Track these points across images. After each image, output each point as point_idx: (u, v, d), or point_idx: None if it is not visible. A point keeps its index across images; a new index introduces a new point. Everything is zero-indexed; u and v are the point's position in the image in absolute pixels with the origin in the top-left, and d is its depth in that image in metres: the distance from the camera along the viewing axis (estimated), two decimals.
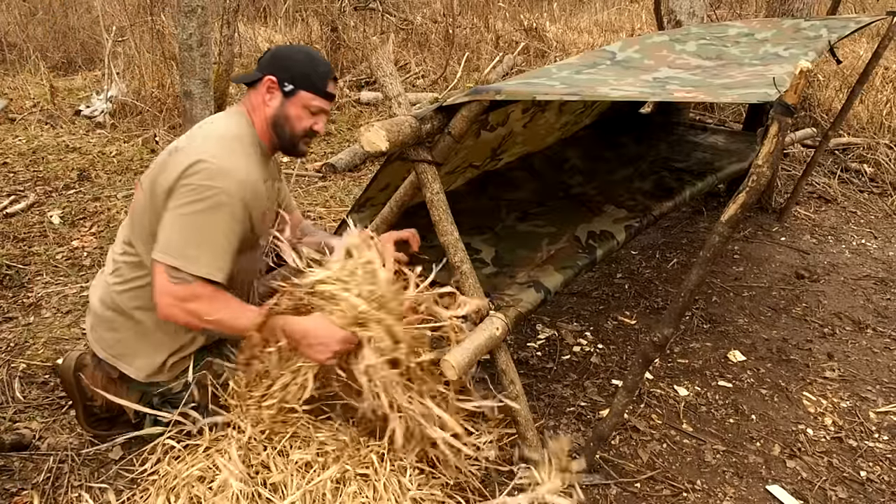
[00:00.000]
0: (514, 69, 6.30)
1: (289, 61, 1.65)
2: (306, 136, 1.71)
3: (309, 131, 1.70)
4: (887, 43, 2.99)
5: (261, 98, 1.66)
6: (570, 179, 2.65)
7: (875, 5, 7.60)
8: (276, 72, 1.64)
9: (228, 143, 1.60)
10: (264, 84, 1.64)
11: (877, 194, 3.94)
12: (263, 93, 1.65)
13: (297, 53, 1.68)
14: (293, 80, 1.64)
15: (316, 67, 1.66)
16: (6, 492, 1.67)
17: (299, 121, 1.67)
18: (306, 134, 1.70)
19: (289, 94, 1.65)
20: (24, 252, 2.94)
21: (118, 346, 1.68)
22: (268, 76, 1.64)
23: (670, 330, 1.51)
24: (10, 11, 7.02)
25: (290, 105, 1.65)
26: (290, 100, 1.65)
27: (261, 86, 1.65)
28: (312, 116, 1.68)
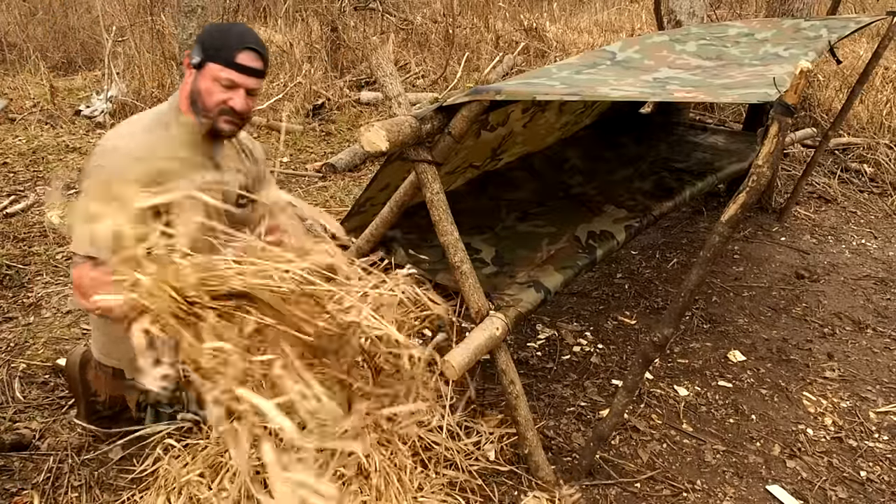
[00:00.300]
0: (514, 69, 6.30)
1: (203, 35, 1.60)
2: (223, 113, 1.59)
3: (225, 108, 1.59)
4: (887, 43, 2.99)
5: (187, 76, 1.61)
6: (570, 179, 2.65)
7: (875, 5, 7.60)
8: (195, 47, 1.59)
9: (132, 124, 1.59)
10: (185, 60, 1.61)
11: (877, 194, 3.94)
12: (186, 69, 1.61)
13: (216, 27, 1.62)
14: (203, 51, 1.57)
15: (228, 39, 1.56)
16: (6, 492, 1.67)
17: (209, 95, 1.57)
18: (222, 111, 1.59)
19: (199, 67, 1.58)
20: (24, 252, 2.94)
21: (104, 345, 1.68)
22: (187, 51, 1.61)
23: (670, 330, 1.51)
24: (10, 11, 7.02)
25: (201, 79, 1.57)
26: (201, 73, 1.57)
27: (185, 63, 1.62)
28: (226, 90, 1.57)
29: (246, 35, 1.59)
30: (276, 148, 4.55)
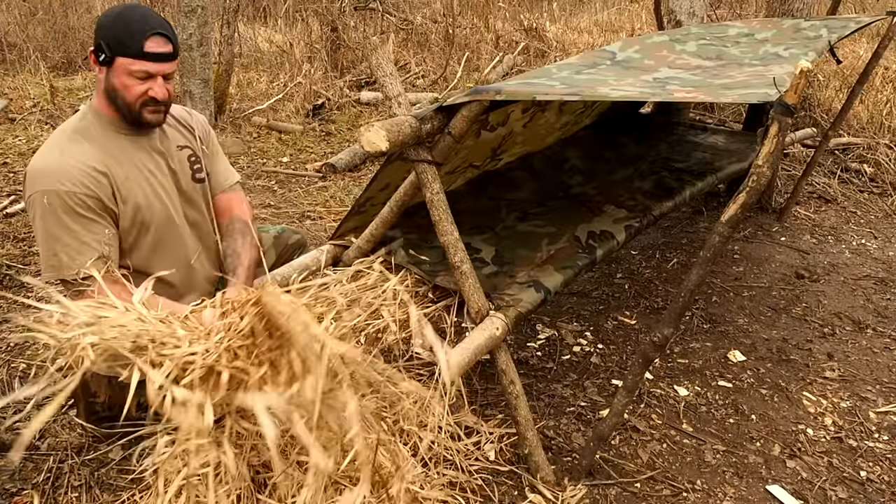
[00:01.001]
0: (514, 69, 6.30)
1: (101, 28, 1.51)
2: (145, 104, 1.55)
3: (146, 99, 1.55)
4: (887, 43, 2.99)
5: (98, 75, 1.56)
6: (570, 179, 2.64)
7: (875, 5, 7.60)
8: (96, 42, 1.51)
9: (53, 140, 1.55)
10: (90, 58, 1.54)
11: (877, 194, 3.94)
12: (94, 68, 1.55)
13: (110, 16, 1.52)
14: (107, 47, 1.49)
15: (129, 28, 1.48)
16: (6, 492, 1.67)
17: (127, 90, 1.52)
18: (144, 103, 1.55)
19: (107, 64, 1.51)
20: (24, 252, 2.94)
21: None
22: (90, 49, 1.53)
23: (670, 330, 1.51)
24: (10, 11, 7.02)
25: (114, 76, 1.52)
26: (111, 70, 1.52)
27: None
28: (143, 82, 1.52)
29: (148, 19, 1.51)
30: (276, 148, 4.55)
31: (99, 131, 1.58)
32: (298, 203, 3.64)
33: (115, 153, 1.57)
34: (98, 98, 1.59)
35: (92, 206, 1.51)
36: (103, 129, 1.59)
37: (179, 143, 1.73)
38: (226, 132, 4.67)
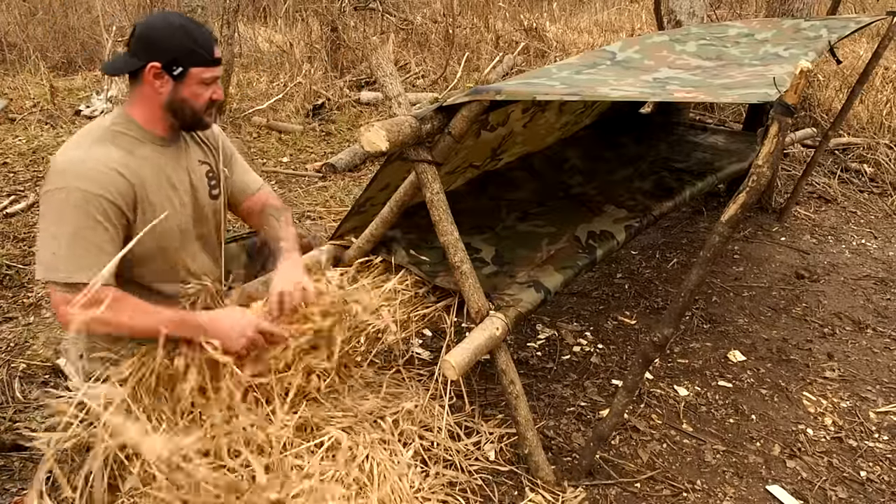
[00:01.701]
0: (514, 69, 6.30)
1: (166, 41, 1.51)
2: (209, 108, 1.61)
3: (210, 102, 1.60)
4: (887, 43, 2.99)
5: (149, 87, 1.54)
6: (570, 179, 2.64)
7: (875, 5, 7.60)
8: (157, 56, 1.50)
9: (81, 138, 1.53)
10: (149, 73, 1.51)
11: (877, 194, 3.94)
12: (151, 81, 1.52)
13: (169, 28, 1.52)
14: (178, 61, 1.51)
15: (196, 38, 1.52)
16: (6, 492, 1.67)
17: (198, 98, 1.56)
18: (208, 107, 1.60)
19: (179, 78, 1.53)
20: (24, 252, 2.94)
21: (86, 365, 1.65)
22: (150, 64, 1.50)
23: (670, 330, 1.51)
24: (10, 11, 7.02)
25: (184, 87, 1.54)
26: (183, 82, 1.53)
27: (145, 75, 1.52)
28: (209, 87, 1.57)
29: (201, 26, 1.56)
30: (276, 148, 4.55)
31: (130, 139, 1.56)
32: (298, 203, 3.64)
33: (142, 163, 1.56)
34: (140, 108, 1.57)
35: (109, 212, 1.49)
36: (134, 138, 1.57)
37: (199, 157, 1.73)
38: (226, 132, 4.66)
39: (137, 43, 1.52)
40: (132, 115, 1.57)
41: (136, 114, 1.57)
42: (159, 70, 1.51)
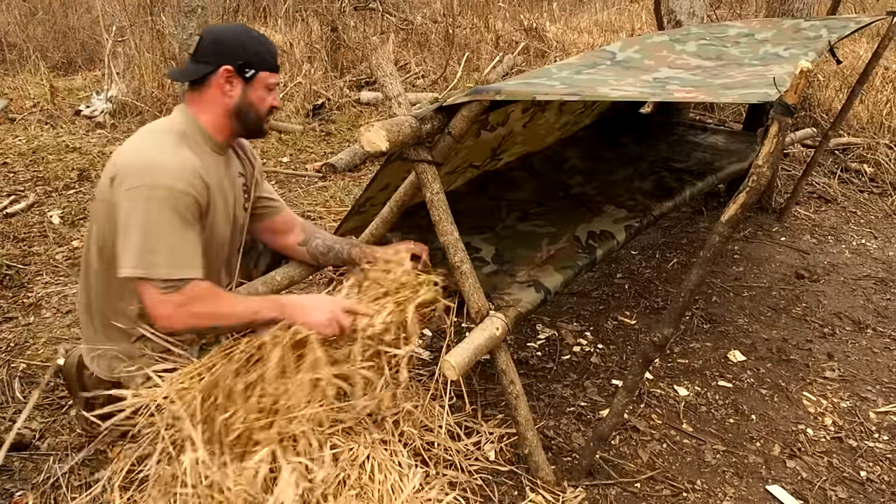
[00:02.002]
0: (514, 69, 6.30)
1: (237, 46, 1.57)
2: (269, 113, 1.67)
3: (270, 109, 1.66)
4: (887, 43, 2.99)
5: (217, 91, 1.58)
6: (570, 179, 2.65)
7: (875, 5, 7.60)
8: (228, 60, 1.56)
9: (156, 137, 1.54)
10: (220, 76, 1.57)
11: (877, 194, 3.94)
12: (221, 84, 1.57)
13: (240, 35, 1.60)
14: (250, 63, 1.58)
15: (264, 45, 1.61)
16: (6, 492, 1.67)
17: (262, 102, 1.63)
18: (269, 112, 1.66)
19: (250, 80, 1.59)
20: (24, 252, 2.94)
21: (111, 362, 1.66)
22: (224, 67, 1.56)
23: (670, 330, 1.51)
24: (10, 11, 7.02)
25: (252, 90, 1.60)
26: (251, 84, 1.60)
27: (215, 78, 1.57)
28: (270, 93, 1.64)
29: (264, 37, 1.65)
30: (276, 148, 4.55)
31: (197, 144, 1.59)
32: (298, 203, 3.65)
33: (209, 167, 1.58)
34: (206, 114, 1.60)
35: (194, 210, 1.51)
36: (201, 143, 1.60)
37: (239, 170, 1.76)
38: None
39: (209, 48, 1.57)
40: (199, 119, 1.60)
41: (203, 119, 1.60)
42: (232, 73, 1.57)
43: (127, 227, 1.44)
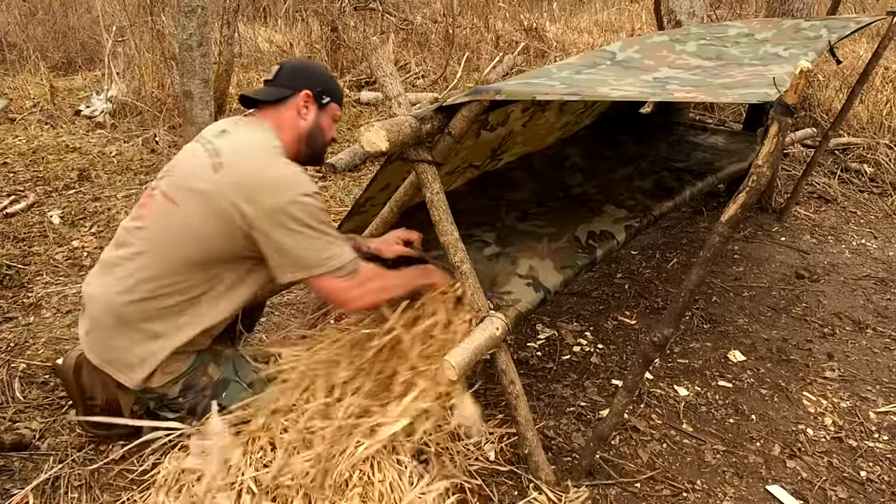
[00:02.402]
0: (514, 69, 6.30)
1: (316, 76, 1.74)
2: (328, 144, 1.80)
3: (330, 140, 1.79)
4: (887, 43, 2.99)
5: (294, 113, 1.70)
6: (570, 179, 2.64)
7: (875, 5, 7.60)
8: (308, 86, 1.71)
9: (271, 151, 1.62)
10: (300, 99, 1.70)
11: (877, 194, 3.94)
12: (300, 107, 1.70)
13: (318, 68, 1.81)
14: (326, 92, 1.73)
15: (335, 81, 1.79)
16: (6, 492, 1.67)
17: (328, 131, 1.77)
18: (328, 144, 1.79)
19: (324, 107, 1.74)
20: (24, 252, 2.94)
21: (110, 352, 1.65)
22: (304, 91, 1.70)
23: (670, 330, 1.51)
24: (10, 11, 7.02)
25: (323, 118, 1.75)
26: (324, 112, 1.75)
27: (294, 101, 1.70)
28: (333, 126, 1.79)
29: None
30: None
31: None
32: None
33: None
34: (288, 134, 1.70)
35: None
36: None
37: None
38: None
39: (290, 74, 1.73)
40: (281, 136, 1.69)
41: (283, 137, 1.69)
42: (310, 97, 1.71)
43: (299, 232, 1.54)
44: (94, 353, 1.67)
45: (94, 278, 1.70)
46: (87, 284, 1.71)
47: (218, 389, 1.70)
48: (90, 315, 1.67)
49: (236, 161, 1.57)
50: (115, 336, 1.63)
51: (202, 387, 1.68)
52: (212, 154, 1.59)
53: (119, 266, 1.64)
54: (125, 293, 1.60)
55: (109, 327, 1.63)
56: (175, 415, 1.70)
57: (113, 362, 1.65)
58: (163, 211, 1.62)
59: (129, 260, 1.62)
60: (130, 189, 3.67)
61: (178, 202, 1.60)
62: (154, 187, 1.67)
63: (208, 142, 1.64)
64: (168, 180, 1.65)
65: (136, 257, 1.62)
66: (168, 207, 1.61)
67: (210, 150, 1.61)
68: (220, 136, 1.64)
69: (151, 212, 1.64)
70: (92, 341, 1.67)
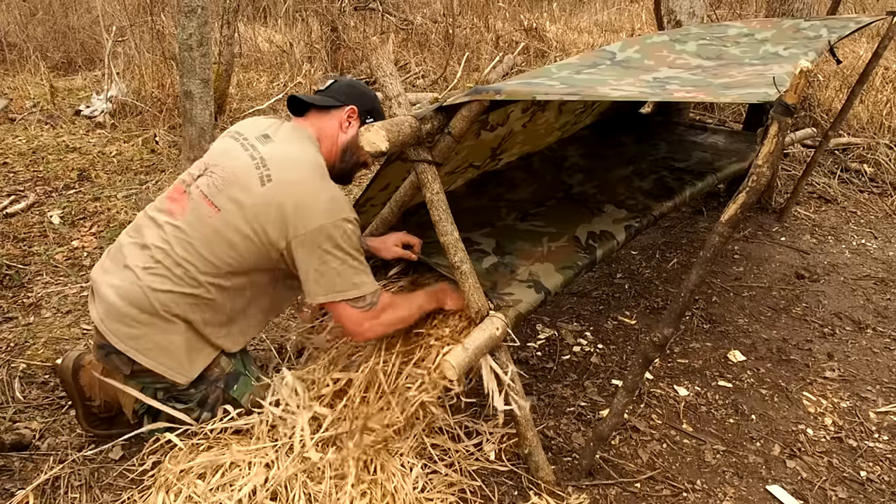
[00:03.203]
0: (514, 69, 6.30)
1: (367, 97, 1.79)
2: (362, 166, 1.84)
3: (363, 163, 1.83)
4: (887, 43, 2.99)
5: (337, 124, 1.74)
6: (570, 179, 2.64)
7: (875, 5, 7.60)
8: (356, 102, 1.76)
9: (317, 169, 1.64)
10: (344, 112, 1.74)
11: (877, 194, 3.94)
12: (343, 119, 1.74)
13: (369, 90, 1.83)
14: (372, 114, 1.78)
15: (382, 107, 1.81)
16: (6, 492, 1.67)
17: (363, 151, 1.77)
18: (361, 166, 1.83)
19: (363, 123, 1.74)
20: (24, 252, 2.94)
21: (138, 342, 1.61)
22: (351, 106, 1.74)
23: (670, 330, 1.51)
24: (10, 11, 7.02)
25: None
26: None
27: (339, 112, 1.74)
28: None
29: None
30: None
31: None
32: None
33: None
34: (327, 144, 1.74)
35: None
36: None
37: None
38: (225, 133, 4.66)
39: (343, 89, 1.78)
40: (321, 149, 1.72)
41: (321, 148, 1.73)
42: (355, 113, 1.76)
43: (335, 256, 1.58)
44: (117, 338, 1.61)
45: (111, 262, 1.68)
46: (106, 273, 1.67)
47: (229, 381, 1.71)
48: (106, 299, 1.62)
49: (285, 179, 1.59)
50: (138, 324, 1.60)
51: (214, 378, 1.69)
52: (259, 164, 1.60)
53: (152, 256, 1.61)
54: (154, 279, 1.59)
55: (130, 315, 1.60)
56: (183, 406, 1.69)
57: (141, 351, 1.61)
58: (201, 213, 1.61)
59: (163, 254, 1.60)
60: (130, 189, 3.67)
61: (220, 208, 1.60)
62: (188, 183, 1.66)
63: (251, 146, 1.65)
64: (208, 181, 1.63)
65: (170, 255, 1.60)
66: (208, 211, 1.60)
67: (256, 157, 1.62)
68: (265, 143, 1.66)
69: (189, 212, 1.62)
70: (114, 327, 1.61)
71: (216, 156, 1.69)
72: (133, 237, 1.68)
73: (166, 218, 1.64)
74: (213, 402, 1.69)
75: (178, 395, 1.69)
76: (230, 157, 1.65)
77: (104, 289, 1.64)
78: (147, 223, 1.67)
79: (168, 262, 1.60)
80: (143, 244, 1.64)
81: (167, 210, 1.66)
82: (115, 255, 1.69)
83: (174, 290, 1.59)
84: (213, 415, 1.70)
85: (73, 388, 1.79)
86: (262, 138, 1.67)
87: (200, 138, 3.78)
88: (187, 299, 1.60)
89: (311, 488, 1.52)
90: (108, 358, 1.65)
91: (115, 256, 1.69)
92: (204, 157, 1.73)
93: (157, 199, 1.73)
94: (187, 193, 1.65)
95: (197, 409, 1.70)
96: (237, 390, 1.71)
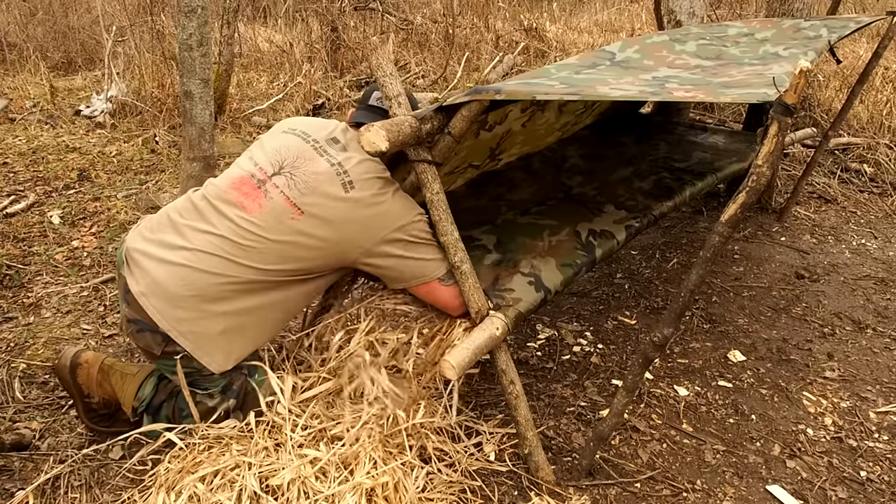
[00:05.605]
0: (514, 69, 6.29)
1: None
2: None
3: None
4: (887, 43, 2.99)
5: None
6: (570, 180, 2.64)
7: (875, 5, 7.60)
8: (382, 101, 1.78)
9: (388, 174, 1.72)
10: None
11: (877, 194, 3.94)
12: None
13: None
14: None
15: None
16: (6, 492, 1.67)
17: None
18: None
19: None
20: (24, 252, 2.94)
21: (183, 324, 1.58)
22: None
23: (670, 330, 1.51)
24: (10, 11, 7.02)
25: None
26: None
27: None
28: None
29: None
30: None
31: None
32: None
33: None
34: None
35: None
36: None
37: None
38: (226, 132, 4.67)
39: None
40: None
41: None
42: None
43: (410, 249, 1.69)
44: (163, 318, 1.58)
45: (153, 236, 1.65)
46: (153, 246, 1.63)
47: (251, 371, 1.72)
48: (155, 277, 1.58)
49: (365, 187, 1.63)
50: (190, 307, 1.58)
51: (239, 365, 1.68)
52: (339, 171, 1.63)
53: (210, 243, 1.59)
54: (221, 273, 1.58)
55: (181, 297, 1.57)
56: (202, 392, 1.67)
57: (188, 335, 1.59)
58: (282, 214, 1.60)
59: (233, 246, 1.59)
60: (130, 189, 3.67)
61: (304, 211, 1.60)
62: (261, 179, 1.65)
63: (325, 151, 1.67)
64: (287, 182, 1.63)
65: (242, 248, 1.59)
66: (290, 213, 1.60)
67: (334, 163, 1.64)
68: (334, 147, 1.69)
69: (267, 211, 1.61)
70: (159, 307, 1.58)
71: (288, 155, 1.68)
72: (189, 220, 1.64)
73: (238, 211, 1.61)
74: (238, 389, 1.68)
75: (198, 379, 1.65)
76: (307, 160, 1.66)
77: (149, 263, 1.60)
78: (210, 211, 1.63)
79: (237, 255, 1.58)
80: (208, 231, 1.60)
81: (237, 203, 1.62)
82: (163, 230, 1.64)
83: (235, 283, 1.59)
84: (238, 402, 1.69)
85: (70, 385, 1.79)
86: (331, 142, 1.70)
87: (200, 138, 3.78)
88: (244, 294, 1.61)
89: (311, 487, 1.52)
90: (141, 334, 1.61)
91: (163, 231, 1.64)
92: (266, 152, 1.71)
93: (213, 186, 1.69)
94: (262, 191, 1.63)
95: (219, 396, 1.68)
96: (258, 378, 1.72)
